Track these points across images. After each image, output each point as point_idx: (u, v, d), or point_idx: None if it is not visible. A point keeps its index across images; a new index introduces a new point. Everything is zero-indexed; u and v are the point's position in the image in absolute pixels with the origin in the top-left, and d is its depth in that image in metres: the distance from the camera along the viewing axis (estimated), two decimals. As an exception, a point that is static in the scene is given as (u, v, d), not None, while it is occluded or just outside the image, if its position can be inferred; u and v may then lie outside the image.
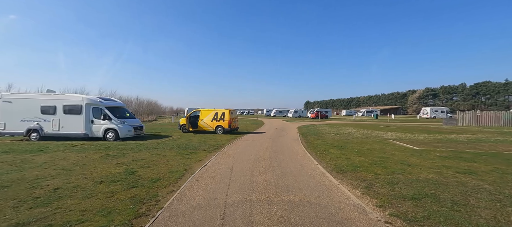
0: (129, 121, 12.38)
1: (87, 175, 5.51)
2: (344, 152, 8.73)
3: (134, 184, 4.90)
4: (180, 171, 6.02)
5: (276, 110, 62.63)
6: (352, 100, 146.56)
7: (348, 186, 4.79)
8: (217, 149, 9.49)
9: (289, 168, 6.28)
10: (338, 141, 12.07)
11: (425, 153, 8.17)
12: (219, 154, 8.48)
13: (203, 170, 6.15)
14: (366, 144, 10.81)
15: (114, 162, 6.97)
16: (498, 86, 79.40)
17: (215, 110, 16.30)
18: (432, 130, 18.76)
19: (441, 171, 5.76)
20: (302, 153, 8.65)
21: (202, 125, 16.16)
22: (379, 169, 6.01)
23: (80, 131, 11.49)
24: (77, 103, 11.58)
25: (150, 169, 6.21)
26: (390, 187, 4.61)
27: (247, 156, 8.06)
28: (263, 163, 6.87)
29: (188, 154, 8.30)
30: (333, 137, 13.72)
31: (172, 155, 8.16)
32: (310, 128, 20.55)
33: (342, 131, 17.29)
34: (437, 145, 10.35)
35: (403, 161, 6.90)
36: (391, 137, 13.64)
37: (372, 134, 15.37)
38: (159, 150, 9.01)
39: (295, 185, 4.81)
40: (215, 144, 10.94)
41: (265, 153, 8.52)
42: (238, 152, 8.89)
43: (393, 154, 8.08)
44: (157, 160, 7.33)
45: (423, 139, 12.63)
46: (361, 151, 8.88)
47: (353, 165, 6.52)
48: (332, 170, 6.13)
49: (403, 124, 27.55)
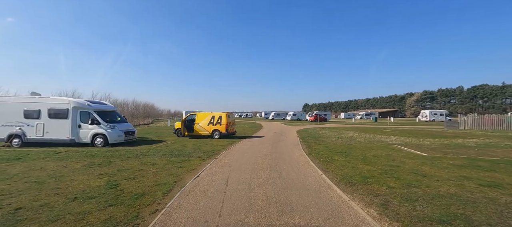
0: (120, 126, 11.65)
1: (61, 190, 4.81)
2: (349, 159, 8.10)
3: (113, 201, 4.22)
4: (169, 183, 5.34)
5: (275, 113, 62.03)
6: (351, 103, 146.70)
7: (360, 203, 4.15)
8: (213, 156, 8.82)
9: (291, 180, 5.63)
10: (341, 146, 11.45)
11: (437, 161, 7.57)
12: (214, 162, 7.81)
13: (195, 182, 5.47)
14: (371, 150, 10.20)
15: (97, 172, 6.26)
16: (495, 89, 79.81)
17: (211, 114, 15.64)
18: (436, 134, 18.24)
19: (462, 183, 5.14)
20: (304, 161, 8.00)
21: (198, 129, 15.47)
22: (392, 181, 5.38)
23: (66, 136, 10.73)
24: (63, 107, 10.83)
25: (136, 181, 5.52)
26: (410, 204, 3.98)
27: (244, 164, 7.40)
28: (262, 173, 6.22)
29: (181, 162, 7.62)
30: (335, 142, 13.10)
31: (162, 163, 7.47)
32: (310, 132, 19.94)
33: (343, 135, 16.70)
34: (446, 151, 9.77)
35: (416, 171, 6.28)
36: (395, 141, 13.06)
37: (375, 138, 14.79)
38: (149, 158, 8.31)
39: (300, 203, 4.16)
40: (210, 150, 10.26)
41: (264, 161, 7.86)
42: (235, 159, 8.23)
43: (403, 162, 7.47)
44: (146, 169, 6.64)
45: (429, 144, 12.06)
46: (367, 158, 8.26)
47: (362, 176, 5.89)
48: (340, 181, 5.49)
49: (404, 128, 27.06)
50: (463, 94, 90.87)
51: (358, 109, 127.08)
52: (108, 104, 13.06)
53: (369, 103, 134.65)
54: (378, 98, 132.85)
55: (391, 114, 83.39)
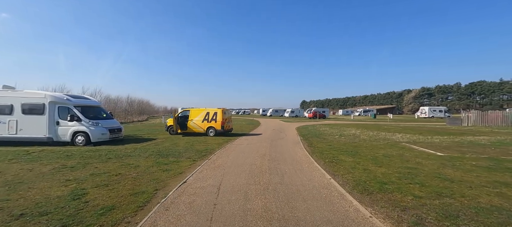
0: (104, 123, 10.60)
1: (9, 203, 3.84)
2: (358, 159, 7.23)
3: (68, 219, 3.27)
4: (148, 192, 4.41)
5: (273, 109, 61.14)
6: (348, 100, 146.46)
7: (387, 221, 3.26)
8: (206, 156, 7.89)
9: (295, 186, 4.73)
10: (345, 144, 10.59)
11: (457, 162, 6.74)
12: (207, 163, 6.87)
13: (180, 190, 4.54)
14: (379, 148, 9.36)
15: (65, 178, 5.29)
16: (493, 86, 79.87)
17: (206, 110, 14.65)
18: (441, 131, 17.52)
19: (501, 191, 4.29)
20: (308, 162, 7.11)
21: (191, 126, 14.49)
22: (416, 188, 4.51)
23: (42, 134, 9.67)
24: (39, 102, 9.74)
25: (108, 189, 4.56)
26: (452, 224, 3.10)
27: (240, 166, 6.48)
28: (260, 178, 5.31)
29: (168, 164, 6.67)
30: (338, 140, 12.25)
31: (147, 165, 6.51)
32: (310, 129, 19.09)
33: (345, 133, 15.86)
34: (462, 149, 8.97)
35: (439, 174, 5.43)
36: (402, 139, 12.25)
37: (379, 136, 13.98)
38: (133, 159, 7.34)
39: (309, 218, 3.26)
40: (204, 149, 9.32)
41: (263, 162, 6.95)
42: (230, 160, 7.31)
43: (419, 163, 6.62)
44: (125, 173, 5.68)
45: (439, 142, 11.27)
46: (377, 158, 7.40)
47: (378, 180, 5.02)
48: (353, 188, 4.60)
49: (406, 124, 26.38)
50: (460, 91, 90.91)
51: (355, 106, 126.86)
52: (92, 99, 11.97)
53: (366, 100, 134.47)
54: (375, 95, 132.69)
55: (389, 111, 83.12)
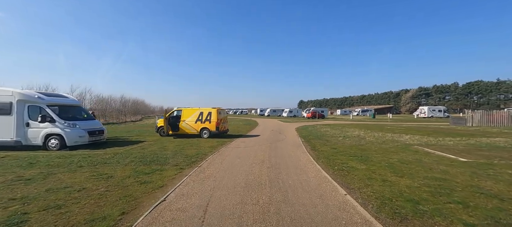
0: (83, 124, 9.41)
1: None
2: (371, 167, 6.21)
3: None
4: (110, 217, 3.32)
5: (270, 109, 60.13)
6: (346, 100, 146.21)
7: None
8: (195, 163, 6.80)
9: (304, 207, 3.67)
10: (352, 147, 9.58)
11: (490, 170, 5.75)
12: (196, 172, 5.79)
13: (154, 214, 3.46)
14: (391, 152, 8.37)
15: (11, 195, 4.16)
16: (490, 85, 79.82)
17: (200, 109, 13.54)
18: (448, 131, 16.65)
19: None
20: (314, 170, 6.07)
21: (184, 127, 13.37)
22: (460, 210, 3.49)
23: (9, 137, 8.47)
24: (5, 100, 8.52)
25: (59, 212, 3.46)
26: None
27: (235, 176, 5.41)
28: (259, 194, 4.24)
29: (149, 174, 5.58)
30: (342, 142, 11.24)
31: (122, 176, 5.40)
32: (311, 130, 18.09)
33: (349, 134, 14.88)
34: (484, 154, 8.02)
35: (479, 188, 4.42)
36: (411, 141, 11.29)
37: (385, 137, 13.01)
38: (108, 167, 6.22)
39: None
40: (194, 153, 8.22)
41: (262, 171, 5.89)
42: (224, 168, 6.23)
43: (446, 172, 5.62)
44: (91, 188, 4.57)
45: (453, 144, 10.33)
46: (394, 165, 6.39)
47: (406, 197, 3.99)
48: (379, 210, 3.56)
49: (408, 124, 25.54)
50: (458, 91, 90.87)
51: (353, 105, 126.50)
52: (70, 97, 10.73)
53: (364, 100, 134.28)
54: (373, 95, 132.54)
55: (387, 111, 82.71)
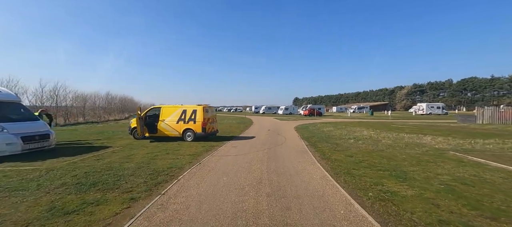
0: (15, 127, 6.96)
1: None
2: (424, 193, 4.12)
3: None
4: None
5: (266, 106, 58.02)
6: (341, 97, 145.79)
7: None
8: (160, 186, 4.56)
9: None
10: (372, 155, 7.51)
11: None
12: (152, 208, 3.55)
13: None
14: (429, 163, 6.32)
15: None
16: (485, 82, 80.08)
17: (182, 107, 11.23)
18: (466, 131, 14.89)
19: None
20: (339, 200, 3.92)
21: (163, 128, 11.05)
22: None
23: None
24: None
25: None
26: None
27: (214, 219, 3.20)
28: None
29: (70, 215, 3.32)
30: (356, 147, 9.17)
31: (21, 222, 3.12)
32: (312, 130, 16.02)
33: (357, 135, 12.86)
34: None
35: None
36: (439, 144, 9.34)
37: (403, 139, 11.04)
38: (14, 198, 3.91)
39: None
40: (167, 167, 5.96)
41: (258, 203, 3.70)
42: (199, 198, 4.01)
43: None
44: None
45: (498, 149, 8.41)
46: (454, 189, 4.32)
47: None
48: None
49: (415, 122, 23.85)
50: (452, 87, 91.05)
51: (348, 102, 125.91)
52: (4, 90, 8.17)
53: (359, 97, 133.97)
54: (368, 92, 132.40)
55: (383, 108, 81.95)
